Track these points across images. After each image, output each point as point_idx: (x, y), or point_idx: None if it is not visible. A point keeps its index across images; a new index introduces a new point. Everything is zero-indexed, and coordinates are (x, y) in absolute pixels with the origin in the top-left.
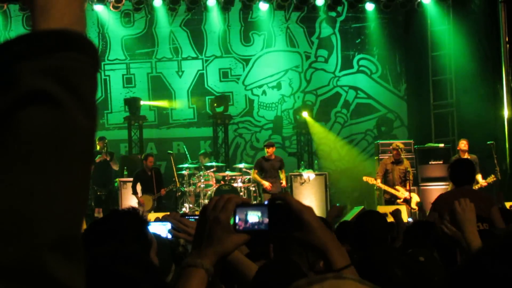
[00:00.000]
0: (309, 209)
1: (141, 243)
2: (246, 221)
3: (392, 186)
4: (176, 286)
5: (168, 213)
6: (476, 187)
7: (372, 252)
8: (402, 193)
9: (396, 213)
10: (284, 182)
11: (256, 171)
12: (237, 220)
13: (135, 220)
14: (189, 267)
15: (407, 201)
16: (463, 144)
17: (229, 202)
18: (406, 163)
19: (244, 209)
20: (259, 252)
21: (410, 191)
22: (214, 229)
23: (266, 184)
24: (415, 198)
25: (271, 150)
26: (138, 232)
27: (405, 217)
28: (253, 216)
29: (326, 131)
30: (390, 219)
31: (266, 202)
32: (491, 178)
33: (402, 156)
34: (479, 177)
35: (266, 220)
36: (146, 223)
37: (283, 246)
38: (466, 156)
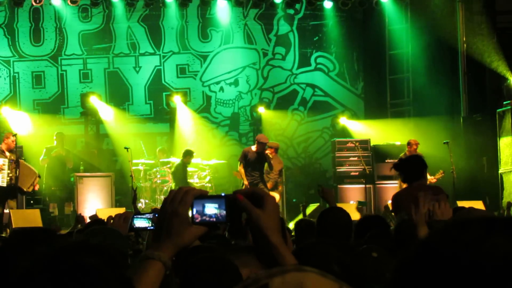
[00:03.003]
0: (272, 197)
1: None
2: (203, 213)
3: None
4: (133, 278)
5: (124, 209)
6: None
7: (310, 246)
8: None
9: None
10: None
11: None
12: (194, 212)
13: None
14: (147, 259)
15: None
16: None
17: (187, 195)
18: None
19: (202, 201)
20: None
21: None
22: (172, 222)
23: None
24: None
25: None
26: None
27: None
28: (211, 208)
29: (283, 128)
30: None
31: (222, 194)
32: (439, 174)
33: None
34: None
35: (224, 212)
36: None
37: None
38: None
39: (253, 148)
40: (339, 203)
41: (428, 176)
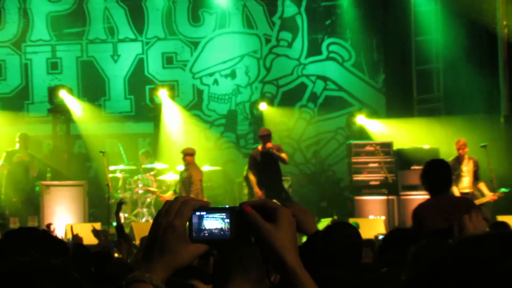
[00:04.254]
0: (287, 210)
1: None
2: (204, 228)
3: None
4: None
5: (99, 224)
6: (483, 200)
7: (329, 274)
8: None
9: None
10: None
11: None
12: (193, 227)
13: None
14: (136, 283)
15: None
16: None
17: (185, 206)
18: None
19: (202, 214)
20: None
21: None
22: (167, 237)
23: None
24: None
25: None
26: None
27: (381, 231)
28: (213, 222)
29: (289, 129)
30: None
31: (227, 206)
32: (501, 193)
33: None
34: (482, 186)
35: (228, 227)
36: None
37: (226, 261)
38: (466, 160)
39: (259, 147)
40: (356, 218)
41: (485, 190)
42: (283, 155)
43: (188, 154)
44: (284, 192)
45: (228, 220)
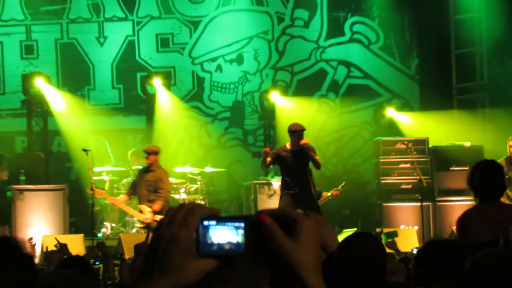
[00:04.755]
0: (310, 221)
1: None
2: (214, 241)
3: None
4: None
5: (82, 236)
6: None
7: None
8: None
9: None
10: None
11: None
12: (201, 239)
13: None
14: None
15: None
16: None
17: (191, 214)
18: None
19: (212, 224)
20: None
21: None
22: (169, 251)
23: None
24: None
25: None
26: None
27: (414, 243)
28: (224, 234)
29: (306, 122)
30: None
31: (242, 215)
32: None
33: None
34: None
35: (242, 240)
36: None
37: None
38: None
39: (289, 143)
40: (385, 228)
41: None
42: (317, 157)
43: (153, 153)
44: (314, 202)
45: (242, 232)
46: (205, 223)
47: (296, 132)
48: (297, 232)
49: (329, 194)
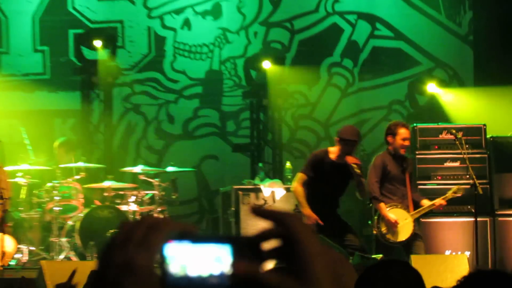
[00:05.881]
0: (313, 237)
1: None
2: (186, 270)
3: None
4: None
5: None
6: None
7: None
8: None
9: None
10: None
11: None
12: (169, 267)
13: None
14: None
15: None
16: None
17: (154, 232)
18: None
19: (184, 245)
20: None
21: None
22: (122, 282)
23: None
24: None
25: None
26: None
27: (464, 271)
28: (202, 260)
29: (310, 102)
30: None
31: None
32: None
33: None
34: None
35: (227, 267)
36: None
37: None
38: None
39: (333, 151)
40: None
41: None
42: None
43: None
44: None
45: (229, 258)
46: (175, 244)
47: (349, 142)
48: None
49: (431, 203)
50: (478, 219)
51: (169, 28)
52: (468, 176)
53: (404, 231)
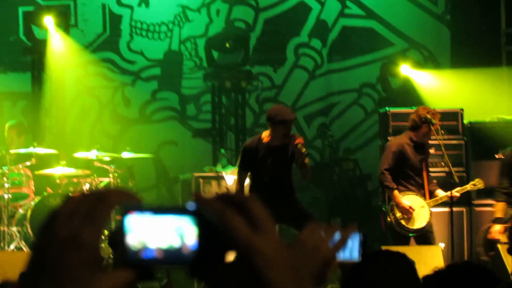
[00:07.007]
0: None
1: None
2: (147, 244)
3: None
4: None
5: None
6: None
7: None
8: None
9: None
10: None
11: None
12: (129, 239)
13: None
14: None
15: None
16: None
17: (101, 204)
18: None
19: (145, 216)
20: None
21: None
22: (67, 259)
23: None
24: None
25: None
26: None
27: (438, 263)
28: (160, 233)
29: (275, 85)
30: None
31: (190, 205)
32: None
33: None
34: None
35: (190, 241)
36: None
37: None
38: None
39: (266, 135)
40: (395, 246)
41: None
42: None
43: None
44: (302, 208)
45: (189, 230)
46: (135, 216)
47: (285, 122)
48: (257, 223)
49: (446, 194)
50: (454, 209)
51: (125, 6)
52: (443, 164)
53: (421, 218)
